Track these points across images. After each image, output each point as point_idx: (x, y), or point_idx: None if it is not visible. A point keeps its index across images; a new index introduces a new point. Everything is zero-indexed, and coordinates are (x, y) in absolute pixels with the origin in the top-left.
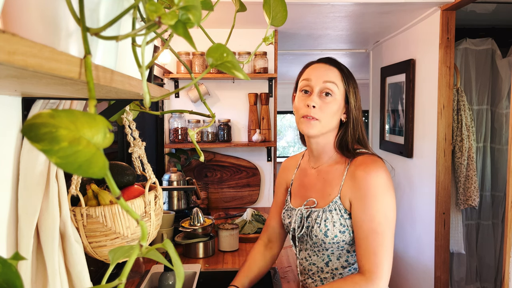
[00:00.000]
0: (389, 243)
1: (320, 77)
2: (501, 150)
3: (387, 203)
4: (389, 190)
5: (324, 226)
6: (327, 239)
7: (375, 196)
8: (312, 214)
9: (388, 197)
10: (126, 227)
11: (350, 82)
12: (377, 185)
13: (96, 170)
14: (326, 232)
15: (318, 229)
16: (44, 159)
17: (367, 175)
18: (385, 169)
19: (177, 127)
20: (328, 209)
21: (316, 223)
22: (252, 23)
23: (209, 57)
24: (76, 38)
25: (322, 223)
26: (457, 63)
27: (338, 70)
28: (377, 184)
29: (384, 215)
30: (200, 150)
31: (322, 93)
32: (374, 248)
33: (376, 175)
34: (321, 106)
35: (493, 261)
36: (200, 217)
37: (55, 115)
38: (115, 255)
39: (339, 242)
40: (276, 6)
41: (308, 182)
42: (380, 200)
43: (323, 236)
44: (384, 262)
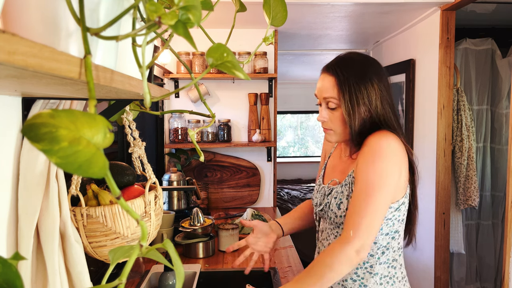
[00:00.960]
0: (378, 207)
1: (320, 92)
2: (501, 150)
3: (385, 167)
4: (393, 157)
5: (339, 200)
6: (339, 212)
7: (374, 157)
8: (332, 191)
9: (389, 162)
10: (126, 227)
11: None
12: (378, 148)
13: (96, 170)
14: (339, 204)
15: (334, 203)
16: (44, 159)
17: (372, 138)
18: (394, 139)
19: (177, 127)
20: (344, 183)
21: (334, 198)
22: (252, 23)
23: (209, 57)
24: (76, 38)
25: (338, 196)
26: (457, 63)
27: (335, 77)
28: (379, 147)
29: (379, 177)
30: (200, 150)
31: (327, 107)
32: (359, 208)
33: (380, 139)
34: (330, 118)
35: (493, 261)
36: (200, 217)
37: (55, 115)
38: (115, 255)
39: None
40: (276, 6)
41: (335, 164)
42: (378, 163)
43: (336, 209)
44: (365, 222)
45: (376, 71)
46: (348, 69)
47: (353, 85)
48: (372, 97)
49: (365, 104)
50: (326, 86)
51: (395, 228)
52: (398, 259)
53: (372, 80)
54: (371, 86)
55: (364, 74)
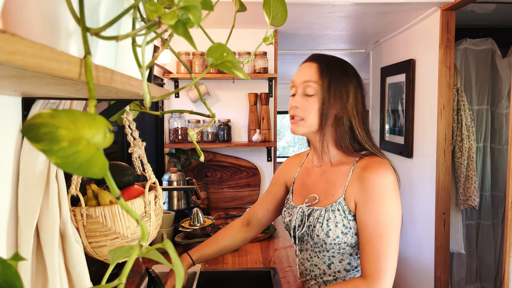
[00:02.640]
0: (394, 247)
1: (300, 77)
2: (501, 150)
3: (393, 206)
4: (396, 193)
5: (326, 226)
6: (329, 240)
7: (381, 198)
8: (314, 213)
9: (395, 200)
10: (126, 227)
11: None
12: (383, 187)
13: (96, 170)
14: (328, 232)
15: (320, 229)
16: (44, 159)
17: (374, 176)
18: (392, 172)
19: (177, 127)
20: (331, 209)
21: (319, 222)
22: (252, 23)
23: (209, 56)
24: (76, 38)
25: (325, 223)
26: (457, 63)
27: (318, 64)
28: (383, 186)
29: (390, 218)
30: (200, 150)
31: (304, 94)
32: (378, 251)
33: (383, 177)
34: (304, 105)
35: (493, 261)
36: (200, 217)
37: (55, 115)
38: (115, 255)
39: (340, 244)
40: (276, 6)
41: (310, 181)
42: (387, 203)
43: (325, 236)
44: (387, 266)
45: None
46: (331, 62)
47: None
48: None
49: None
50: (307, 71)
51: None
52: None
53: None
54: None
55: (347, 72)
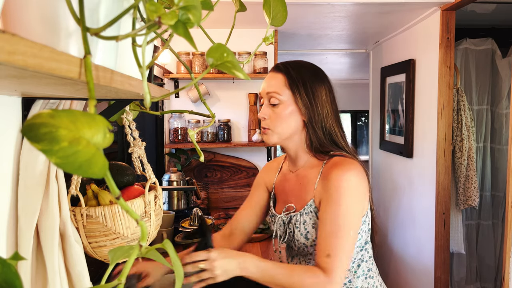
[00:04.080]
0: (348, 246)
1: (265, 88)
2: (501, 150)
3: (352, 207)
4: (358, 194)
5: (304, 229)
6: (308, 242)
7: (340, 198)
8: (292, 219)
9: (355, 201)
10: (126, 227)
11: (297, 84)
12: (343, 187)
13: (96, 170)
14: (306, 234)
15: (299, 233)
16: (44, 159)
17: (335, 175)
18: (357, 172)
19: (177, 127)
20: (304, 212)
21: (296, 227)
22: (252, 23)
23: (210, 57)
24: (76, 38)
25: (302, 226)
26: (457, 63)
27: (284, 74)
28: (344, 185)
29: (347, 218)
30: (200, 150)
31: (270, 104)
32: (334, 251)
33: (344, 177)
34: (271, 116)
35: (493, 261)
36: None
37: (55, 115)
38: (115, 255)
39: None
40: (276, 6)
41: (288, 187)
42: (345, 203)
43: (304, 240)
44: (339, 266)
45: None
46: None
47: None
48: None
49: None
50: (271, 82)
51: (364, 239)
52: (372, 268)
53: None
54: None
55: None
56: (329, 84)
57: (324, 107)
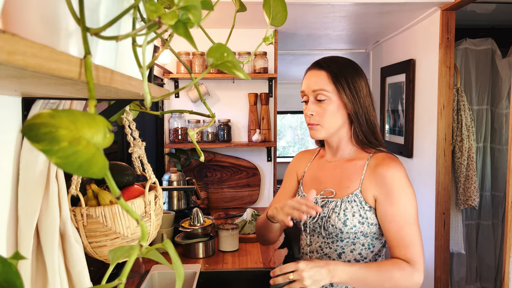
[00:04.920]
0: (420, 236)
1: (309, 86)
2: (501, 150)
3: (413, 196)
4: (410, 183)
5: (343, 216)
6: (346, 228)
7: (402, 190)
8: (328, 204)
9: (412, 190)
10: (126, 227)
11: (341, 80)
12: (401, 181)
13: (96, 170)
14: (346, 221)
15: (336, 218)
16: (44, 159)
17: (391, 172)
18: (402, 164)
19: (177, 127)
20: (347, 200)
21: (335, 212)
22: (252, 23)
23: (210, 57)
24: (76, 38)
25: (341, 213)
26: (457, 63)
27: (326, 71)
28: (401, 179)
29: (414, 206)
30: (200, 150)
31: (316, 100)
32: (412, 239)
33: (399, 172)
34: (318, 112)
35: (493, 261)
36: (200, 217)
37: (55, 115)
38: (115, 255)
39: (356, 233)
40: (276, 6)
41: (323, 175)
42: (406, 193)
43: (342, 225)
44: (419, 254)
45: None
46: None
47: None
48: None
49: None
50: (315, 79)
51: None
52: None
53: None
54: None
55: (357, 70)
56: (366, 77)
57: (366, 100)
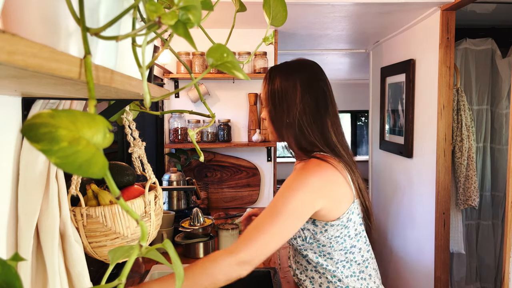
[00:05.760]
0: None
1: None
2: (501, 150)
3: (298, 200)
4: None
5: None
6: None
7: (285, 188)
8: None
9: (304, 196)
10: (126, 227)
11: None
12: (293, 180)
13: (96, 170)
14: None
15: None
16: (44, 159)
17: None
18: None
19: (177, 127)
20: None
21: None
22: (252, 23)
23: (210, 57)
24: (76, 38)
25: None
26: (457, 63)
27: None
28: (294, 179)
29: (285, 208)
30: (200, 150)
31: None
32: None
33: (300, 175)
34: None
35: (493, 261)
36: (200, 217)
37: (55, 115)
38: (115, 255)
39: (296, 238)
40: (276, 6)
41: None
42: (288, 194)
43: None
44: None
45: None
46: (275, 72)
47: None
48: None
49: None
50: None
51: (349, 243)
52: (365, 270)
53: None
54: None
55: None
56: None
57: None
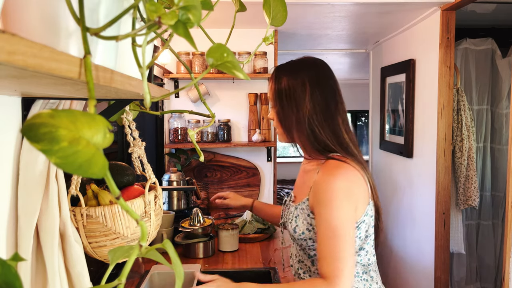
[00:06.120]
0: (349, 248)
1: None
2: (501, 150)
3: (342, 209)
4: (346, 196)
5: (294, 222)
6: (296, 235)
7: (329, 202)
8: (290, 209)
9: (344, 203)
10: (126, 227)
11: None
12: (330, 191)
13: (96, 170)
14: (295, 228)
15: (289, 224)
16: (44, 159)
17: (322, 181)
18: (345, 175)
19: (177, 127)
20: (299, 207)
21: (289, 218)
22: (252, 23)
23: (210, 57)
24: (76, 38)
25: (293, 219)
26: (457, 63)
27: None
28: (330, 189)
29: (341, 220)
30: (200, 150)
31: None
32: (334, 253)
33: (330, 181)
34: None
35: (493, 261)
36: (200, 217)
37: (55, 115)
38: (114, 255)
39: (307, 240)
40: (276, 6)
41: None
42: (335, 206)
43: (293, 232)
44: (346, 267)
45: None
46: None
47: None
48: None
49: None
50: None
51: (358, 245)
52: (368, 272)
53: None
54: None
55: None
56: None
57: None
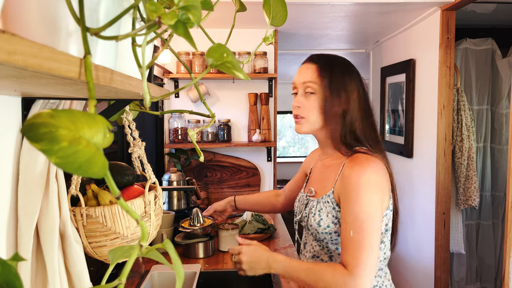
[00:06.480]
0: (374, 241)
1: (299, 78)
2: (501, 150)
3: (371, 202)
4: (375, 189)
5: (318, 216)
6: (320, 229)
7: (358, 194)
8: (309, 203)
9: (373, 197)
10: (126, 227)
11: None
12: (360, 183)
13: (96, 170)
14: (320, 221)
15: (312, 219)
16: (44, 159)
17: (352, 172)
18: (375, 168)
19: (177, 127)
20: (322, 201)
21: (311, 212)
22: (252, 23)
23: (209, 57)
24: (76, 38)
25: (317, 213)
26: (457, 63)
27: (316, 64)
28: (361, 182)
29: (369, 214)
30: (200, 150)
31: (306, 93)
32: (359, 245)
33: (361, 173)
34: (306, 105)
35: (493, 261)
36: (200, 217)
37: (55, 115)
38: (115, 255)
39: (331, 233)
40: (276, 6)
41: (314, 174)
42: (364, 200)
43: (317, 226)
44: (367, 259)
45: (358, 73)
46: (331, 61)
47: (335, 75)
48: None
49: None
50: (305, 72)
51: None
52: (383, 268)
53: (354, 77)
54: (352, 81)
55: (347, 69)
56: (358, 79)
57: (350, 101)
